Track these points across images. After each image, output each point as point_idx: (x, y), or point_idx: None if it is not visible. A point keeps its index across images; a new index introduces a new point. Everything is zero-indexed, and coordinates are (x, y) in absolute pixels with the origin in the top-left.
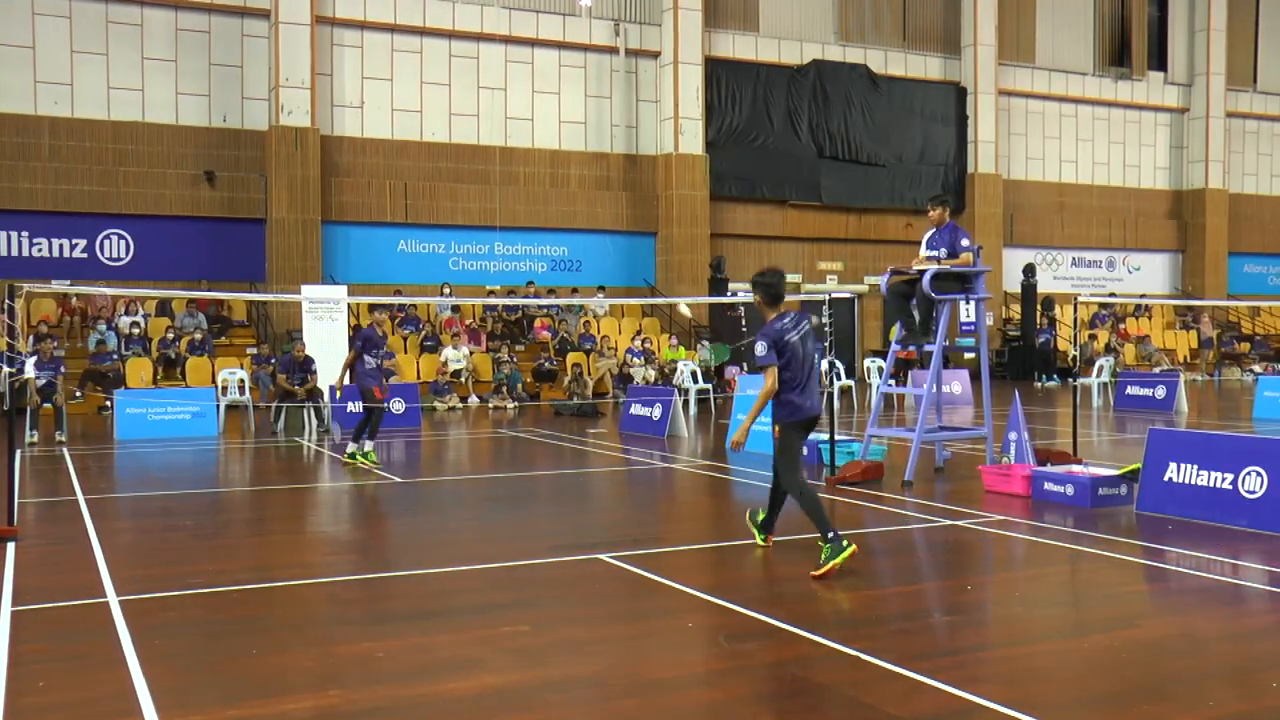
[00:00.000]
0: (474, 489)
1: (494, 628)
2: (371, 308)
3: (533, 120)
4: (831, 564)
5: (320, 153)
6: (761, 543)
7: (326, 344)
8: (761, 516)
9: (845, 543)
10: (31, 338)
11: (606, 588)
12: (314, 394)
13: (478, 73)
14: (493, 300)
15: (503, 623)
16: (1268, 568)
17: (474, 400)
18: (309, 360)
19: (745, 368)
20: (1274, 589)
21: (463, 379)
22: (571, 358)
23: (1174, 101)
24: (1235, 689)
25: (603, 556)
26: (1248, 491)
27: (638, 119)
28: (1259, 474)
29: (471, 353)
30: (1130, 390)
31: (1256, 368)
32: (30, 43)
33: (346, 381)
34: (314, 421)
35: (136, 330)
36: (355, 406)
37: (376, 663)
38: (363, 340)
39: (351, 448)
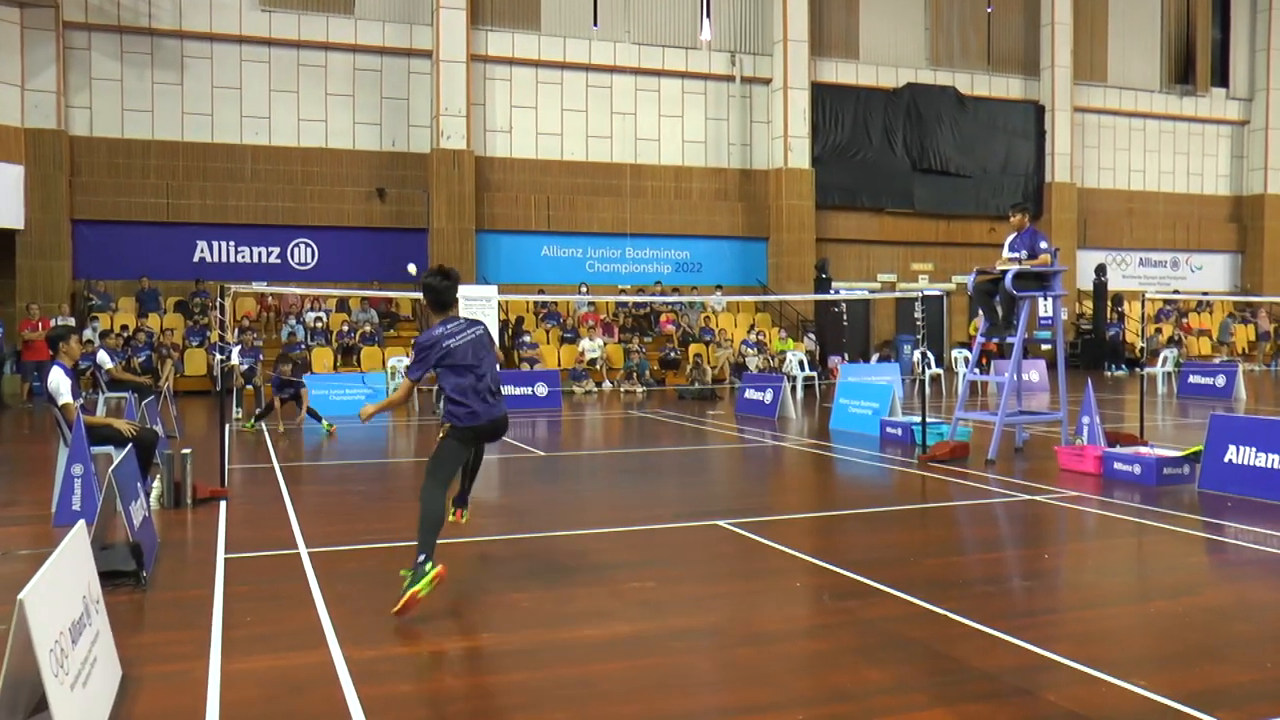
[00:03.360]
0: (607, 462)
1: (624, 583)
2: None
3: (659, 140)
4: (412, 591)
5: (474, 171)
6: (451, 518)
7: None
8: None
9: (429, 566)
10: (237, 330)
11: (723, 550)
12: None
13: (611, 100)
14: (624, 298)
15: (632, 579)
16: None
17: (607, 385)
18: None
19: (847, 357)
20: None
21: (597, 366)
22: (693, 348)
23: (1235, 115)
24: None
25: (720, 522)
26: None
27: (751, 138)
28: None
29: (605, 343)
30: (1192, 379)
31: None
32: (238, 84)
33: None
34: None
35: (320, 324)
36: (506, 390)
37: (522, 611)
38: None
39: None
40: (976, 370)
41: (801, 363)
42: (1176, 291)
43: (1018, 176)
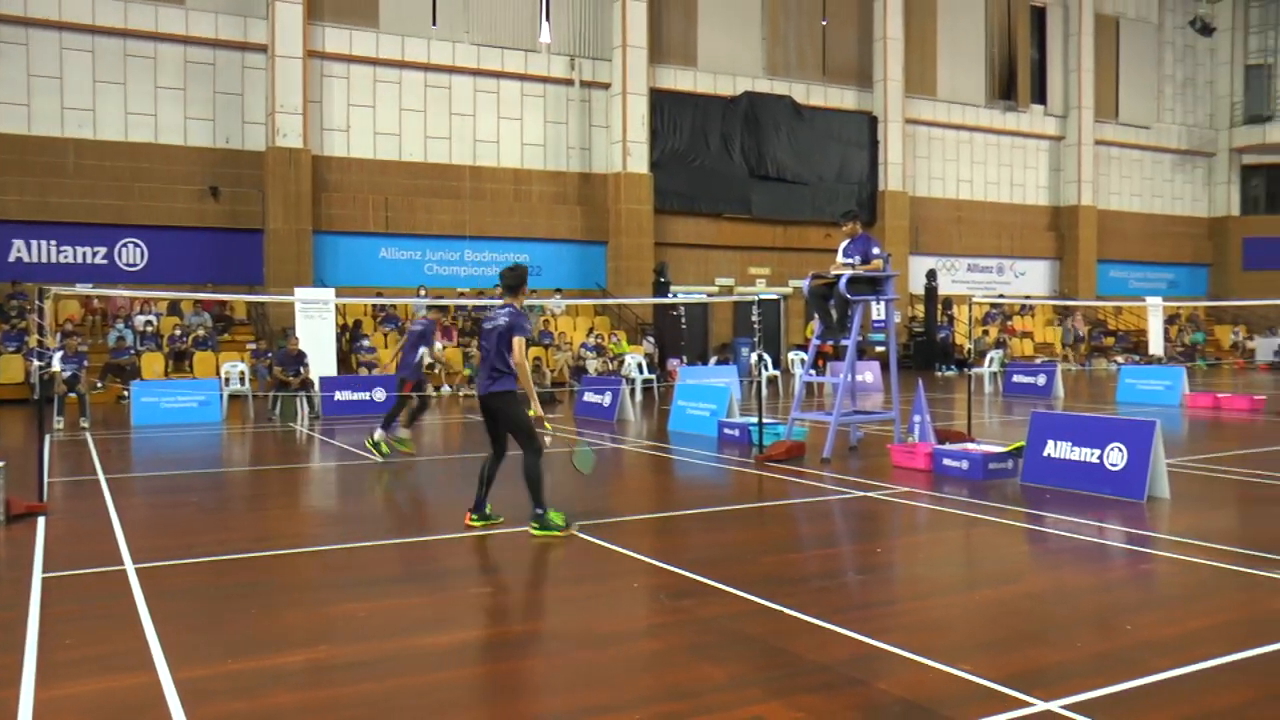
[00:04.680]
0: (446, 467)
1: (464, 589)
2: (429, 306)
3: (498, 143)
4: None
5: (311, 171)
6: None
7: (317, 340)
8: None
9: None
10: (59, 335)
11: (562, 553)
12: (306, 384)
13: (450, 101)
14: (463, 301)
15: (472, 585)
16: (1126, 529)
17: (446, 389)
18: (302, 354)
19: (686, 359)
20: (1131, 547)
21: (437, 370)
22: (532, 352)
23: (1052, 130)
24: (1099, 632)
25: None
26: (1111, 465)
27: (591, 142)
28: (1120, 450)
29: (445, 347)
30: (1016, 378)
31: (1119, 358)
32: (58, 73)
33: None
34: (306, 409)
35: (150, 328)
36: (343, 395)
37: (361, 622)
38: (419, 333)
39: (378, 435)
40: (812, 372)
41: (640, 365)
42: (1002, 296)
43: (852, 184)
